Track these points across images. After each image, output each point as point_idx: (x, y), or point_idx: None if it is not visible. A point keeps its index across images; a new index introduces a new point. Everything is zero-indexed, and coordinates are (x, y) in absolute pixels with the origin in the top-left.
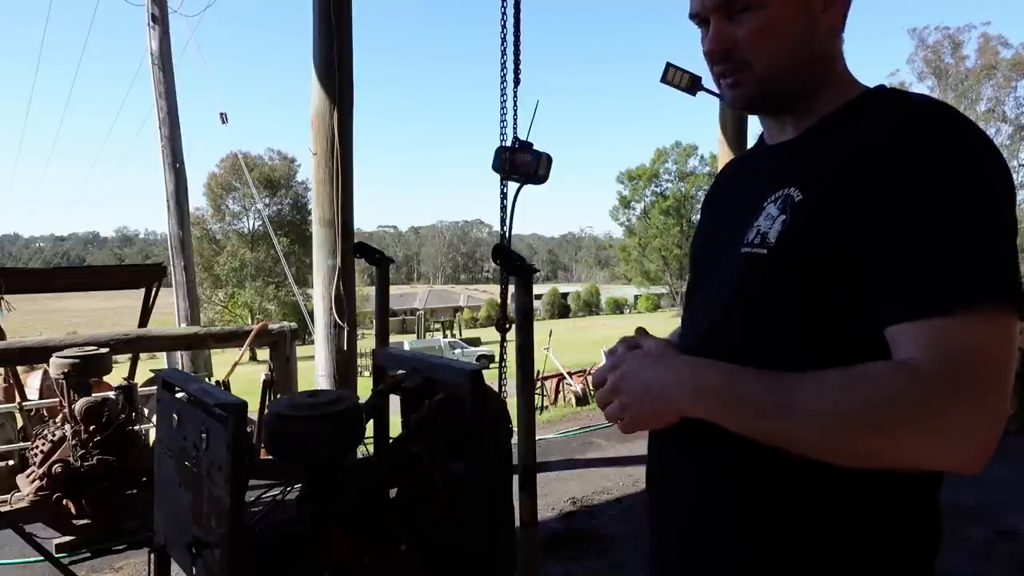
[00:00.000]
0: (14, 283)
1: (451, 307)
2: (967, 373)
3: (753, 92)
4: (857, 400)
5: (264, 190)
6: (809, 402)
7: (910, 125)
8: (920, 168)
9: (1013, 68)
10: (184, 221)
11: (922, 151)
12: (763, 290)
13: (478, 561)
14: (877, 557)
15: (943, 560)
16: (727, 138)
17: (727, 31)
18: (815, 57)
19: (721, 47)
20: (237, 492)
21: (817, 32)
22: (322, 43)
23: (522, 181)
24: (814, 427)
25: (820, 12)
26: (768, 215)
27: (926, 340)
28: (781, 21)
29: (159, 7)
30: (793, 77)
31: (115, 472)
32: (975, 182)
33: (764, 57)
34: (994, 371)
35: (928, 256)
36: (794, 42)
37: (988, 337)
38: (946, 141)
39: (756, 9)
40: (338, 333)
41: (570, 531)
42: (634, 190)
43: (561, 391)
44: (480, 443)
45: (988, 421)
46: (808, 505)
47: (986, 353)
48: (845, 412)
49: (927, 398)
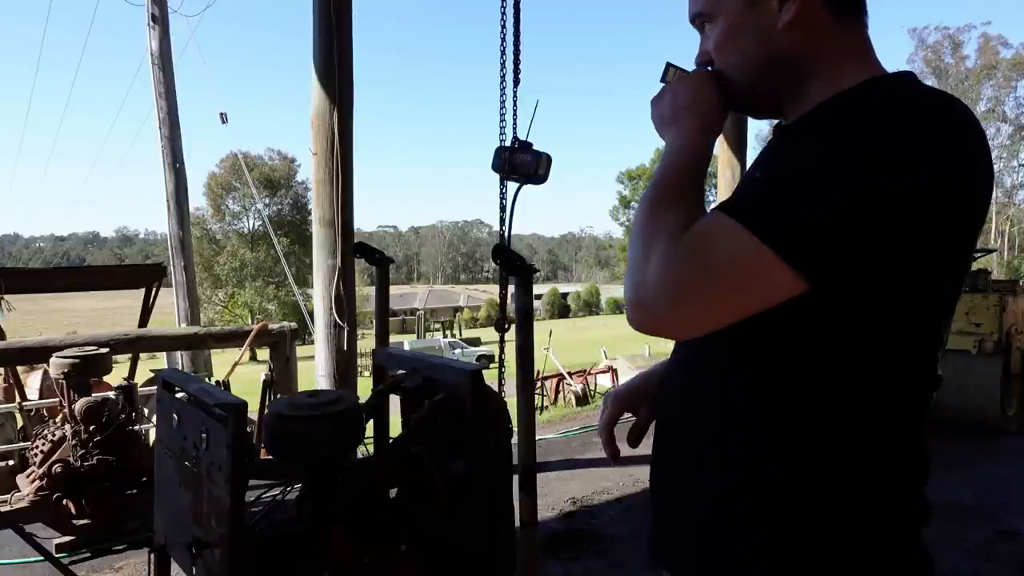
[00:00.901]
0: (14, 283)
1: (451, 307)
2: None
3: (733, 99)
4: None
5: (264, 190)
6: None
7: (858, 110)
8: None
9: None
10: (184, 221)
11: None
12: None
13: (478, 561)
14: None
15: (943, 560)
16: (727, 138)
17: (704, 44)
18: (781, 56)
19: (701, 60)
20: (237, 492)
21: (773, 32)
22: (322, 43)
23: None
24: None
25: (775, 13)
26: None
27: (704, 218)
28: (732, 30)
29: (159, 7)
30: (761, 80)
31: (115, 472)
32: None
33: (728, 66)
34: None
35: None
36: (749, 47)
37: (734, 245)
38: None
39: (713, 23)
40: (338, 333)
41: (570, 531)
42: (634, 190)
43: (561, 391)
44: (480, 443)
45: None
46: (809, 492)
47: (718, 250)
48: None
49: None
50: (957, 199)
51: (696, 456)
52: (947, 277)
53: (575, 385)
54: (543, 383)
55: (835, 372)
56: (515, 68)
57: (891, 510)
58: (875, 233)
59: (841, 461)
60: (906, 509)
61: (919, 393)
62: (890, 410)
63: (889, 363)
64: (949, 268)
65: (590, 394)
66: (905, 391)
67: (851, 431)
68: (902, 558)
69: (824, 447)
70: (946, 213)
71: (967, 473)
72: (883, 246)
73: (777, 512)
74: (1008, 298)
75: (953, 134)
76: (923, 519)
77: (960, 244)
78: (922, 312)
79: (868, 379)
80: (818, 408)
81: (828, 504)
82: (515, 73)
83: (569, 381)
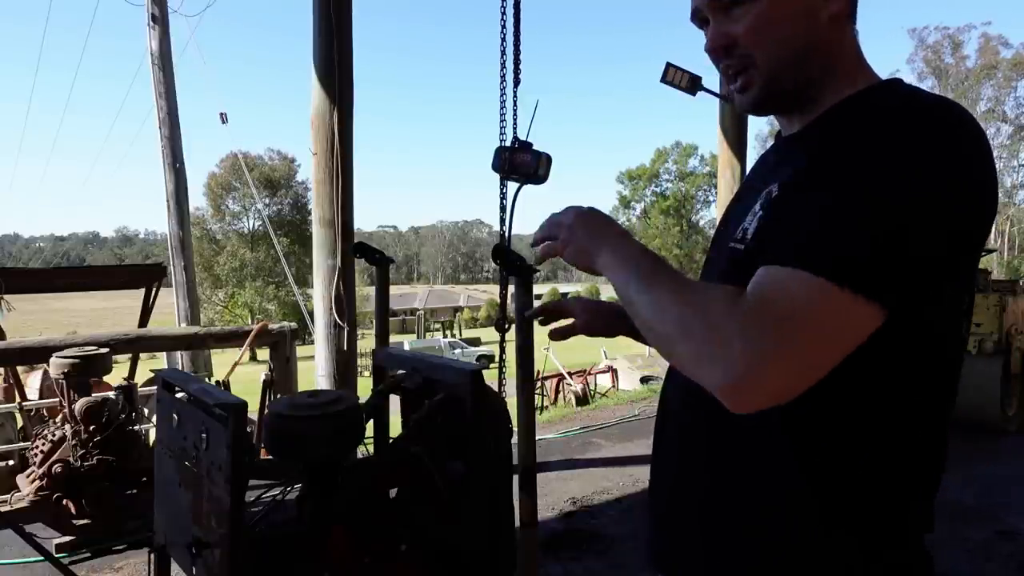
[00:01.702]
0: (14, 283)
1: (451, 307)
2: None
3: (761, 91)
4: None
5: (264, 190)
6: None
7: (869, 116)
8: (851, 149)
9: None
10: (184, 221)
11: (872, 138)
12: (739, 285)
13: (478, 561)
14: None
15: (943, 560)
16: (727, 138)
17: (724, 27)
18: (819, 47)
19: (721, 43)
20: (237, 492)
21: (819, 20)
22: (322, 43)
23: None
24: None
25: (822, 1)
26: (754, 211)
27: (759, 279)
28: (779, 10)
29: (159, 7)
30: (798, 69)
31: (115, 472)
32: (902, 172)
33: (765, 49)
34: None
35: (808, 220)
36: (795, 32)
37: (807, 298)
38: (899, 131)
39: (746, 4)
40: (338, 333)
41: (570, 531)
42: (634, 190)
43: (561, 391)
44: (480, 443)
45: (764, 364)
46: (825, 495)
47: (795, 308)
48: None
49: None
50: (987, 203)
51: (704, 457)
52: (971, 278)
53: (575, 385)
54: (543, 383)
55: (866, 378)
56: (515, 68)
57: (905, 516)
58: (931, 245)
59: (860, 466)
60: (918, 516)
61: (945, 399)
62: (917, 416)
63: (923, 369)
64: (975, 269)
65: (590, 394)
66: (933, 395)
67: (875, 435)
68: (911, 563)
69: (844, 451)
70: (980, 217)
71: (967, 473)
72: (938, 257)
73: (792, 515)
74: (1008, 298)
75: (972, 142)
76: (929, 526)
77: (980, 246)
78: (955, 316)
79: (901, 386)
80: (842, 414)
81: (844, 509)
82: (515, 73)
83: (569, 381)
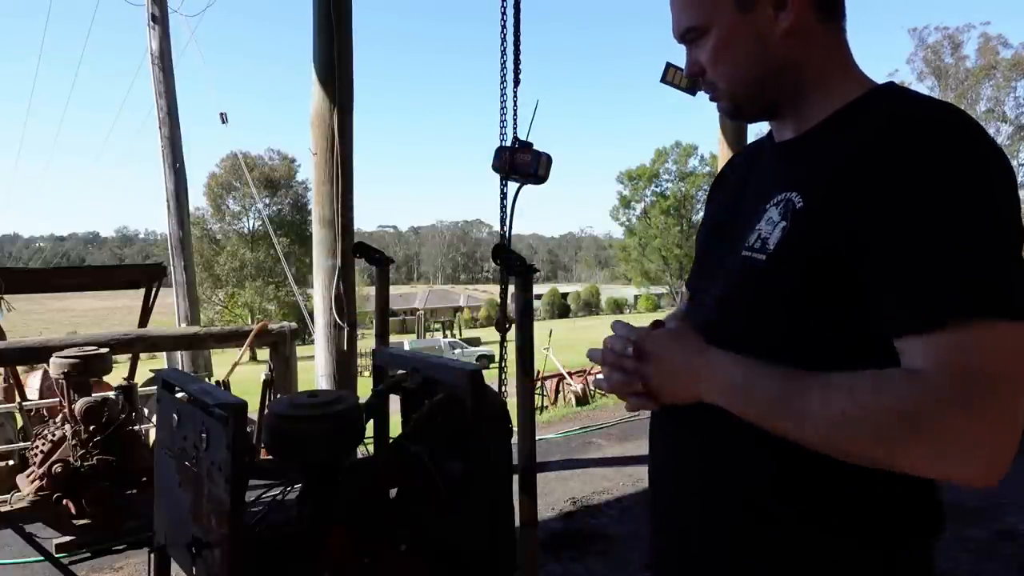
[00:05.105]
0: (14, 283)
1: (451, 307)
2: (972, 387)
3: (729, 107)
4: (862, 410)
5: (264, 190)
6: (818, 408)
7: (907, 130)
8: (915, 175)
9: (1013, 68)
10: (184, 221)
11: (916, 157)
12: (759, 296)
13: (478, 561)
14: (888, 543)
15: (943, 560)
16: (727, 138)
17: (694, 55)
18: (784, 63)
19: (692, 71)
20: (237, 492)
21: (772, 40)
22: (322, 43)
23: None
24: (820, 431)
25: (771, 20)
26: (770, 219)
27: (933, 354)
28: (728, 39)
29: (159, 7)
30: (760, 88)
31: (115, 472)
32: (974, 189)
33: (724, 77)
34: (1002, 384)
35: (930, 267)
36: (747, 56)
37: (993, 350)
38: (942, 147)
39: (706, 34)
40: (338, 333)
41: (570, 531)
42: (634, 190)
43: (561, 391)
44: (480, 443)
45: (995, 435)
46: (835, 500)
47: (991, 366)
48: (850, 420)
49: (931, 412)
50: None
51: (699, 457)
52: None
53: (575, 385)
54: (543, 383)
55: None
56: (515, 68)
57: (905, 516)
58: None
59: (860, 465)
60: (919, 516)
61: None
62: None
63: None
64: None
65: (590, 394)
66: None
67: None
68: (911, 563)
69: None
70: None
71: None
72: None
73: (791, 515)
74: None
75: (992, 144)
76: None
77: None
78: None
79: None
80: None
81: (844, 509)
82: (515, 73)
83: (569, 381)
